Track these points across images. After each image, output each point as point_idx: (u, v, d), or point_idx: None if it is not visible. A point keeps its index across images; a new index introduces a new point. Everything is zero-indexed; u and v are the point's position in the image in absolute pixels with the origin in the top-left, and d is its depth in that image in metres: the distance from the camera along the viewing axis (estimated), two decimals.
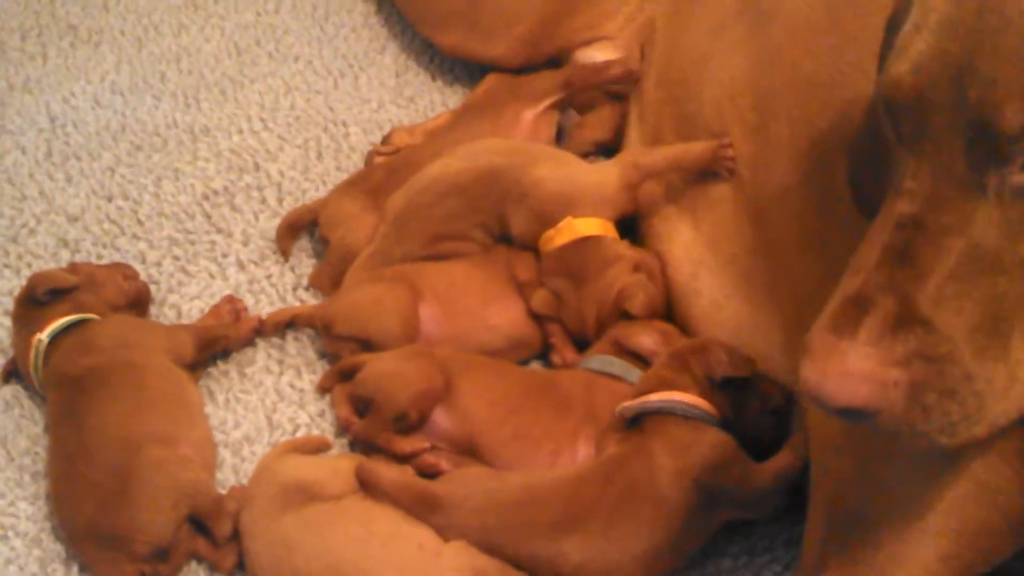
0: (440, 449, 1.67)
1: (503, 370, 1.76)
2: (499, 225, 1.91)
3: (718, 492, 1.52)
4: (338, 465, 1.59)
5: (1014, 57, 0.96)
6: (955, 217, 1.01)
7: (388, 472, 1.58)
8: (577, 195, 1.87)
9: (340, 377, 1.77)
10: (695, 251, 1.83)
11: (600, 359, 1.76)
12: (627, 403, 1.60)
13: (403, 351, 1.73)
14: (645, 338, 1.77)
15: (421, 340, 1.79)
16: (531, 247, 1.89)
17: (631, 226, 1.95)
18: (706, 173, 1.82)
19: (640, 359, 1.76)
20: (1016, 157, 0.98)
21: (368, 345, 1.78)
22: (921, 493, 1.25)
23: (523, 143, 2.03)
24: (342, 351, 1.80)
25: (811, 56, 1.64)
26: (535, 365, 1.88)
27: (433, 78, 2.41)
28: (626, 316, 1.79)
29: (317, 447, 1.70)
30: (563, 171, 1.92)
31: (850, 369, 1.00)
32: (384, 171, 2.04)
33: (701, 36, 1.95)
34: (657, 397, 1.59)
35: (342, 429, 1.74)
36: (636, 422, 1.60)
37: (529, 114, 2.10)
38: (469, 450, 1.67)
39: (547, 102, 2.11)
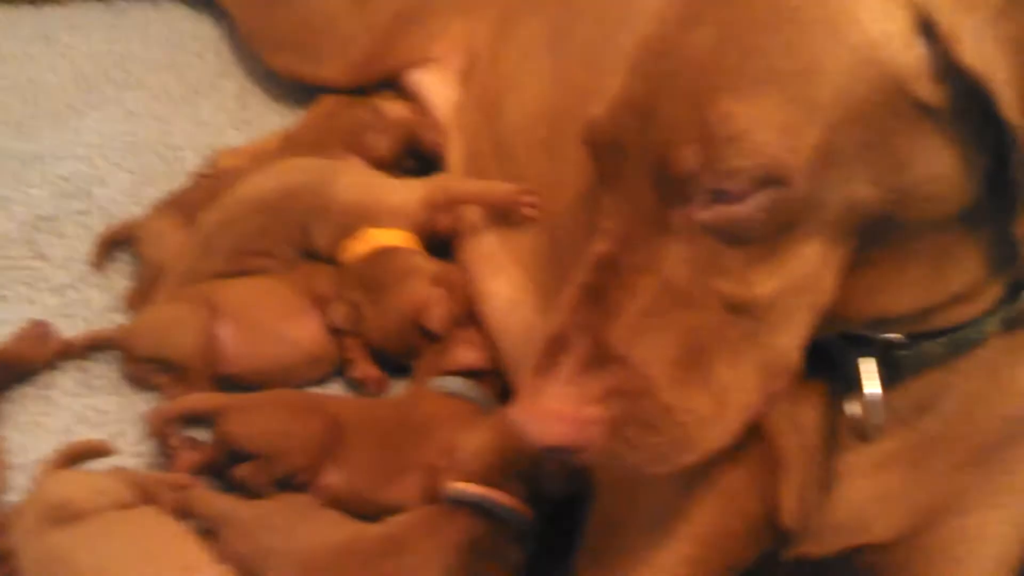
0: None
1: (378, 410, 1.74)
2: (304, 240, 1.93)
3: None
4: (103, 482, 1.58)
5: (688, 100, 0.98)
6: (646, 255, 1.02)
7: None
8: (376, 206, 1.89)
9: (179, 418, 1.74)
10: (497, 257, 1.86)
11: (446, 380, 1.76)
12: (460, 487, 1.54)
13: (287, 402, 1.71)
14: (467, 356, 1.78)
15: (220, 359, 1.79)
16: (334, 261, 1.90)
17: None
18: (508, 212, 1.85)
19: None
20: (697, 195, 0.99)
21: (167, 365, 1.78)
22: (667, 500, 1.28)
23: (329, 161, 2.04)
24: (142, 372, 1.80)
25: (596, 77, 1.67)
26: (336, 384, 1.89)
27: (275, 101, 2.42)
28: (425, 331, 1.79)
29: (93, 453, 1.69)
30: (364, 183, 1.95)
31: (549, 409, 1.01)
32: (202, 192, 2.05)
33: (514, 59, 1.99)
34: (482, 492, 1.53)
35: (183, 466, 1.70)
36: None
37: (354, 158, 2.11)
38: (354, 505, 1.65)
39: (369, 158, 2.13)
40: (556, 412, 1.01)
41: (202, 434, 1.73)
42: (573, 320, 1.04)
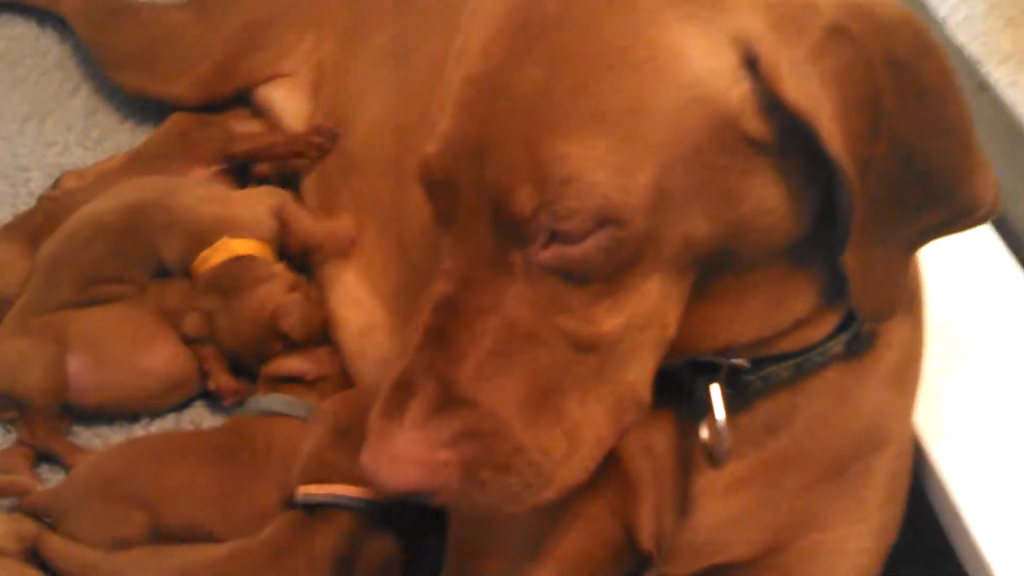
0: None
1: (187, 452, 1.69)
2: (155, 260, 1.89)
3: None
4: None
5: (520, 140, 0.96)
6: (488, 297, 1.01)
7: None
8: (226, 216, 1.87)
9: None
10: (352, 283, 1.85)
11: (261, 399, 1.75)
12: (305, 491, 1.55)
13: (86, 496, 1.64)
14: (292, 362, 1.77)
15: (74, 392, 1.76)
16: (186, 276, 1.87)
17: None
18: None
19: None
20: (536, 236, 0.98)
21: (13, 402, 1.74)
22: (527, 527, 1.28)
23: (172, 179, 2.00)
24: None
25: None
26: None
27: (123, 119, 2.36)
28: (282, 337, 1.77)
29: None
30: (212, 194, 1.94)
31: (399, 454, 1.00)
32: (43, 216, 2.00)
33: (360, 74, 1.97)
34: (325, 491, 1.54)
35: None
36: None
37: (198, 173, 2.08)
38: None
39: (216, 167, 2.10)
40: (407, 457, 1.00)
41: None
42: (419, 363, 1.02)
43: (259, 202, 1.92)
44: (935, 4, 1.78)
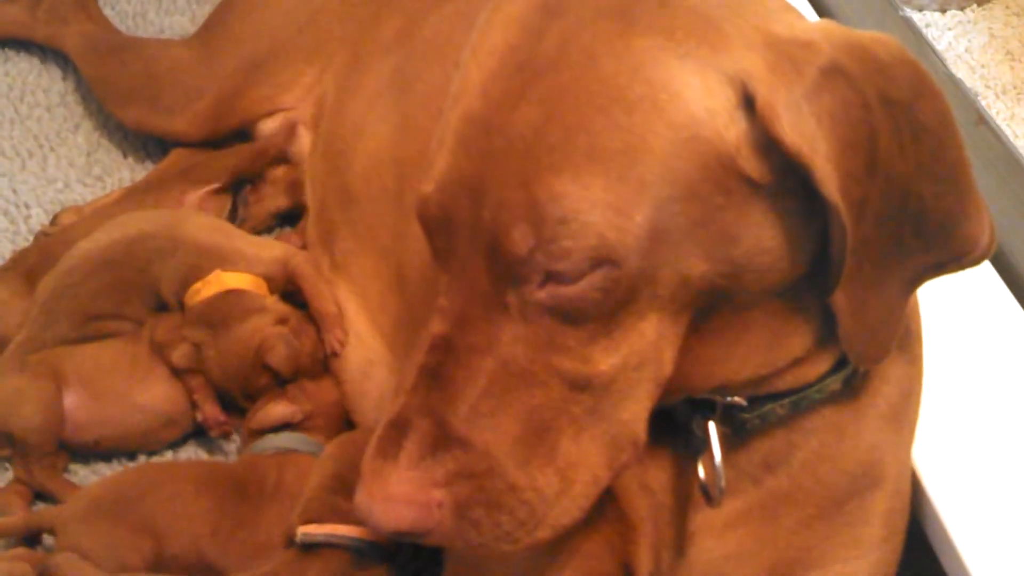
0: None
1: (197, 480, 1.67)
2: (154, 294, 1.88)
3: None
4: None
5: (517, 180, 0.96)
6: (483, 336, 1.01)
7: None
8: (228, 247, 1.87)
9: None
10: (356, 322, 1.83)
11: (273, 437, 1.73)
12: (305, 530, 1.53)
13: (94, 515, 1.62)
14: (276, 410, 1.75)
15: (70, 428, 1.75)
16: (180, 308, 1.86)
17: None
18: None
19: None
20: (531, 276, 0.98)
21: (8, 439, 1.73)
22: (525, 564, 1.26)
23: (174, 211, 2.01)
24: None
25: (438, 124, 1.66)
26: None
27: (124, 155, 2.36)
28: (268, 370, 1.76)
29: None
30: (216, 225, 1.94)
31: (392, 493, 1.00)
32: (38, 252, 1.99)
33: (360, 107, 1.96)
34: (324, 530, 1.53)
35: None
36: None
37: (192, 196, 2.09)
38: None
39: (210, 186, 2.10)
40: (400, 496, 1.00)
41: None
42: (414, 402, 1.02)
43: (268, 246, 1.93)
44: (934, 37, 1.78)
